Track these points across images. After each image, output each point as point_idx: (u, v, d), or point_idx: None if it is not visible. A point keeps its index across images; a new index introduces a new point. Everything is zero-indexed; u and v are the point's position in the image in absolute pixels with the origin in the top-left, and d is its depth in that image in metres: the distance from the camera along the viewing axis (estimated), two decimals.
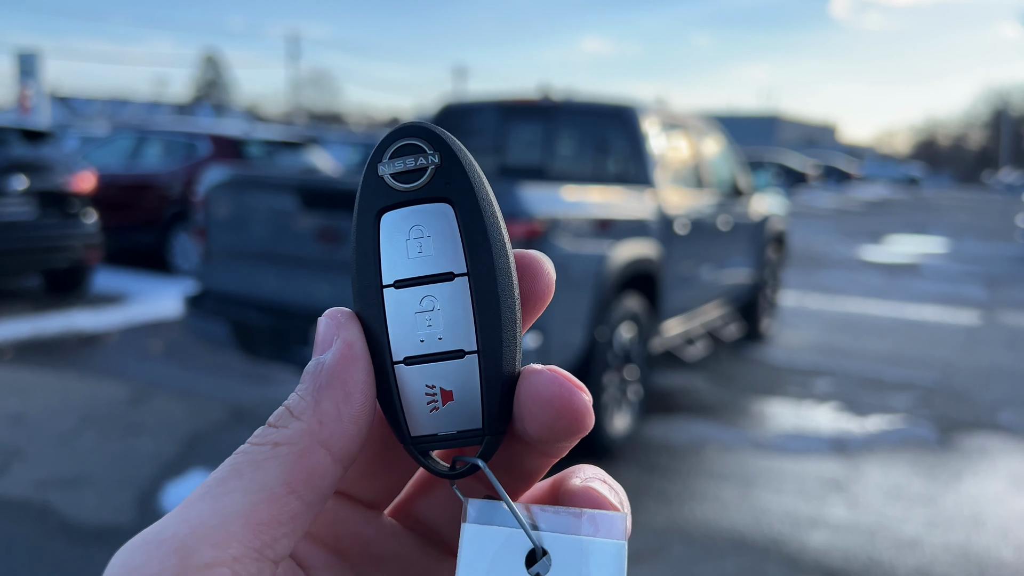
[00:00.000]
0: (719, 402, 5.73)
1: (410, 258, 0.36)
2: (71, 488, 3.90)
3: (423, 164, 0.37)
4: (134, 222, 10.09)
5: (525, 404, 0.35)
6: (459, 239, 0.36)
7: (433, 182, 0.37)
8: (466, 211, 0.36)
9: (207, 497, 0.31)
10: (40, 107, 18.79)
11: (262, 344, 4.31)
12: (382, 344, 0.37)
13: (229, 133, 10.53)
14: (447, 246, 0.36)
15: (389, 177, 0.37)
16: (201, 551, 0.29)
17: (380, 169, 0.37)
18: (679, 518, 3.86)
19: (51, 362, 6.02)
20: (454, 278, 0.36)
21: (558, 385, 0.35)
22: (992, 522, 3.92)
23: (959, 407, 5.78)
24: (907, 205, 35.37)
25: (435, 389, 0.36)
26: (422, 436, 0.37)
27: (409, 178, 0.37)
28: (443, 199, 0.37)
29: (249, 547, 0.30)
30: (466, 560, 0.35)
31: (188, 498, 0.32)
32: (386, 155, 0.37)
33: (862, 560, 3.51)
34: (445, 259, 0.36)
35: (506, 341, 0.36)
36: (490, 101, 5.93)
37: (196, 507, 0.31)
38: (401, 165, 0.37)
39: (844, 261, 14.26)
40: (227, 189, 4.44)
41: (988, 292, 11.33)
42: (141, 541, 0.30)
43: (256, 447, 0.33)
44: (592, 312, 4.26)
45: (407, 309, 0.36)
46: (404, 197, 0.37)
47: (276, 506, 0.31)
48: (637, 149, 5.23)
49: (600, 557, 0.34)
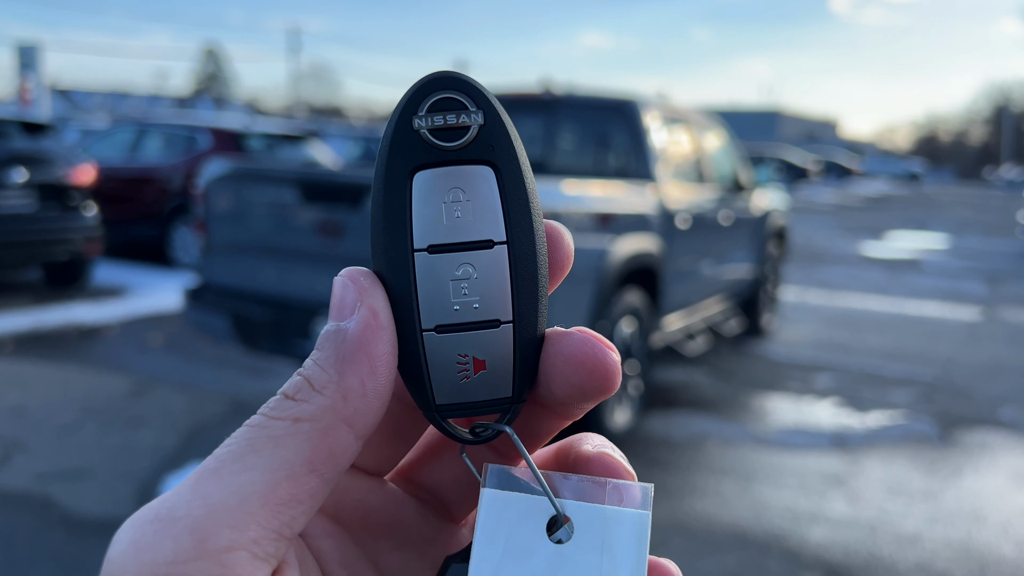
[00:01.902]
0: (720, 397, 5.72)
1: (447, 223, 0.34)
2: (71, 480, 3.90)
3: (465, 122, 0.34)
4: (134, 215, 10.09)
5: (556, 365, 0.34)
6: (499, 206, 0.34)
7: (476, 142, 0.34)
8: (509, 177, 0.34)
9: (222, 473, 0.29)
10: (40, 100, 18.76)
11: (263, 337, 4.31)
12: (409, 311, 0.35)
13: (229, 126, 10.51)
14: (488, 212, 0.34)
15: (427, 132, 0.34)
16: (219, 533, 0.28)
17: (416, 122, 0.34)
18: (680, 512, 3.86)
19: (51, 355, 6.02)
20: (493, 246, 0.34)
21: (591, 346, 0.34)
22: (993, 518, 3.92)
23: (960, 403, 5.78)
24: (908, 201, 35.36)
25: (468, 359, 0.35)
26: (447, 404, 0.35)
27: (450, 136, 0.34)
28: (486, 162, 0.35)
29: (268, 528, 0.29)
30: (485, 524, 0.34)
31: (199, 472, 0.30)
32: (423, 107, 0.34)
33: (863, 555, 3.51)
34: (485, 226, 0.34)
35: (540, 313, 0.35)
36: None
37: (211, 484, 0.29)
38: (441, 120, 0.34)
39: (845, 257, 14.26)
40: (227, 182, 4.44)
41: (989, 288, 11.32)
42: (153, 517, 0.29)
43: (274, 421, 0.31)
44: (593, 306, 4.25)
45: (442, 276, 0.34)
46: (443, 156, 0.34)
47: (296, 485, 0.30)
48: (638, 143, 5.21)
49: (623, 526, 0.34)
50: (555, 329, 0.36)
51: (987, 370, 6.71)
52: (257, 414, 0.32)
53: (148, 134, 10.50)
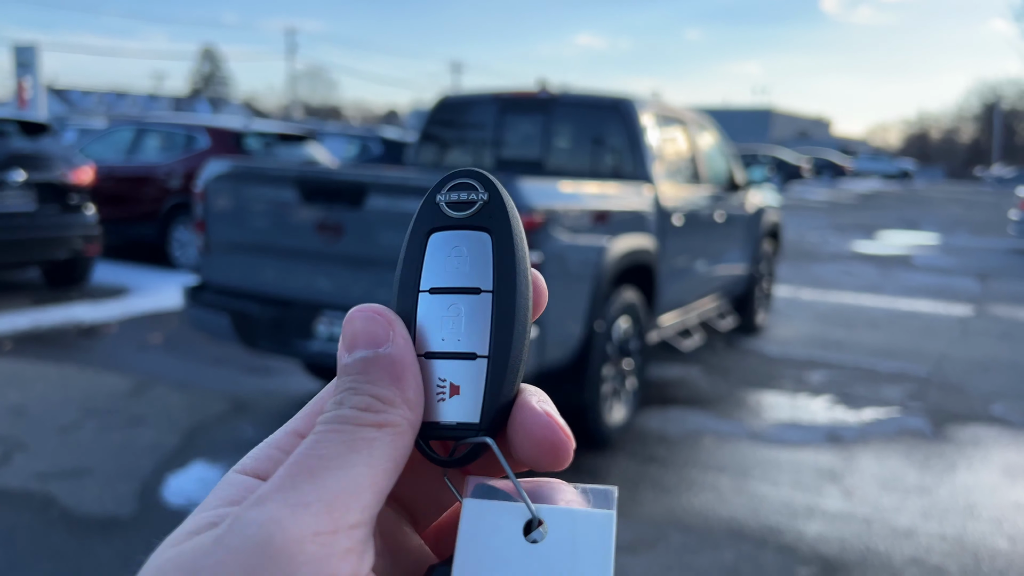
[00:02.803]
0: (715, 393, 5.76)
1: (448, 271, 0.42)
2: (72, 479, 3.91)
3: (473, 199, 0.43)
4: (133, 215, 10.08)
5: (518, 435, 0.40)
6: (491, 262, 0.42)
7: (478, 214, 0.43)
8: (500, 241, 0.42)
9: (334, 469, 0.35)
10: (37, 100, 18.70)
11: (262, 336, 4.33)
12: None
13: (228, 126, 10.51)
14: (480, 266, 0.42)
15: (444, 205, 0.43)
16: (350, 512, 0.34)
17: (438, 198, 0.44)
18: (677, 508, 3.89)
19: (51, 354, 6.03)
20: (480, 293, 0.42)
21: (551, 431, 0.40)
22: (986, 512, 3.97)
23: (953, 398, 5.83)
24: (900, 198, 35.48)
25: (446, 383, 0.41)
26: (425, 422, 0.41)
27: (460, 208, 0.43)
28: (484, 228, 0.43)
29: (374, 512, 0.35)
30: (467, 530, 0.39)
31: (294, 473, 0.34)
32: (445, 188, 0.44)
33: (858, 549, 3.55)
34: (476, 276, 0.42)
35: (514, 352, 0.41)
36: (487, 94, 5.94)
37: (328, 478, 0.34)
38: (455, 196, 0.43)
39: (838, 255, 14.32)
40: (227, 181, 4.45)
41: (981, 285, 11.39)
42: (282, 503, 0.33)
43: (359, 427, 0.37)
44: (590, 304, 4.28)
45: (436, 312, 0.42)
46: (452, 222, 0.43)
47: (389, 479, 0.36)
48: (634, 142, 5.25)
49: (591, 525, 0.38)
50: (527, 399, 0.41)
51: (979, 366, 6.76)
52: (328, 424, 0.37)
53: (146, 134, 10.49)
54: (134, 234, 10.20)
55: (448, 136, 6.12)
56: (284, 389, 5.44)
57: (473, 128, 6.00)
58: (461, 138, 6.08)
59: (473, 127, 6.00)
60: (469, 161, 5.96)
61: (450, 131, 6.11)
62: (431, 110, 6.21)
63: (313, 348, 4.26)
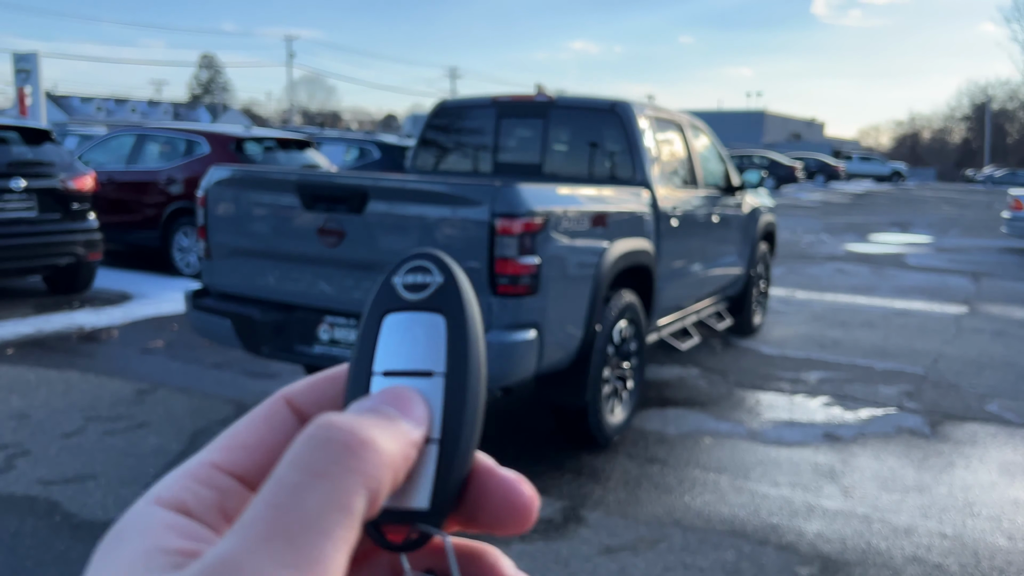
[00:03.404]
0: (713, 394, 5.80)
1: (401, 354, 0.43)
2: (75, 485, 3.93)
3: (428, 281, 0.44)
4: (134, 221, 10.10)
5: (480, 498, 0.40)
6: (444, 345, 0.42)
7: (433, 296, 0.43)
8: (454, 324, 0.43)
9: (315, 533, 0.33)
10: (38, 107, 18.70)
11: (265, 341, 4.35)
12: None
13: (228, 132, 10.53)
14: (433, 349, 0.42)
15: (400, 287, 0.44)
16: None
17: (394, 280, 0.44)
18: (677, 508, 3.93)
19: (54, 360, 6.04)
20: (432, 376, 0.42)
21: (516, 494, 0.40)
22: (985, 510, 4.01)
23: (949, 397, 5.88)
24: (894, 199, 35.59)
25: None
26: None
27: (415, 290, 0.44)
28: (439, 311, 0.43)
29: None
30: None
31: (269, 534, 0.32)
32: (401, 270, 0.44)
33: (859, 548, 3.58)
34: (429, 359, 0.42)
35: (465, 435, 0.41)
36: (485, 99, 5.97)
37: (307, 544, 0.33)
38: (411, 279, 0.44)
39: (832, 255, 14.38)
40: (228, 187, 4.48)
41: (975, 284, 11.46)
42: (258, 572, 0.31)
43: (342, 480, 0.35)
44: (589, 306, 4.32)
45: None
46: (407, 304, 0.44)
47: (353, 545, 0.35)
48: (632, 145, 5.28)
49: None
50: (488, 464, 0.41)
51: (974, 365, 6.81)
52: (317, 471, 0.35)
53: (146, 141, 10.50)
54: (135, 240, 10.22)
55: (446, 141, 6.15)
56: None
57: (471, 133, 6.03)
58: (459, 143, 6.11)
59: (471, 132, 6.03)
60: (468, 166, 5.99)
61: (448, 136, 6.14)
62: (429, 115, 6.23)
63: (315, 352, 4.29)
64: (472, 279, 3.58)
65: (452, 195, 3.89)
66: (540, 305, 3.91)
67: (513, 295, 3.81)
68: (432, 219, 3.90)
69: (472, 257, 3.81)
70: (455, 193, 3.89)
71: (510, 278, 3.79)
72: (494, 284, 3.80)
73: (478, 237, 3.79)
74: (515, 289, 3.80)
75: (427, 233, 3.93)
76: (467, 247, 3.83)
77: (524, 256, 3.79)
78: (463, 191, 3.88)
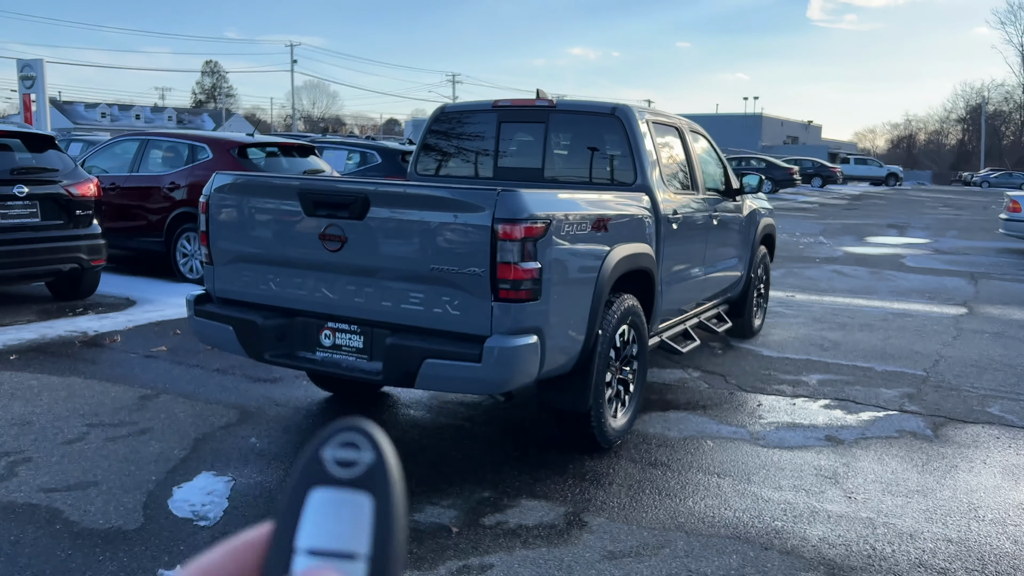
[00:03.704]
0: (714, 397, 5.80)
1: (324, 532, 0.42)
2: (77, 491, 3.92)
3: (357, 459, 0.43)
4: (137, 227, 10.10)
5: None
6: (369, 528, 0.42)
7: (363, 477, 0.43)
8: (381, 508, 0.42)
9: None
10: (43, 113, 18.74)
11: (267, 347, 4.34)
12: None
13: (230, 138, 10.54)
14: (357, 530, 0.42)
15: (329, 461, 0.43)
16: None
17: (323, 452, 0.44)
18: (681, 513, 3.92)
19: (56, 366, 6.03)
20: (355, 559, 0.42)
21: None
22: (989, 514, 4.00)
23: (950, 399, 5.88)
24: (891, 201, 35.63)
25: None
26: None
27: (344, 466, 0.43)
28: (367, 490, 0.43)
29: None
30: None
31: None
32: (331, 442, 0.44)
33: (864, 552, 3.58)
34: (353, 540, 0.42)
35: None
36: (485, 103, 5.97)
37: None
38: (342, 454, 0.43)
39: (831, 258, 14.39)
40: (231, 193, 4.47)
41: (973, 285, 11.47)
42: None
43: None
44: (591, 310, 4.31)
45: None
46: (335, 480, 0.43)
47: None
48: (633, 149, 5.29)
49: None
50: None
51: (975, 366, 6.82)
52: None
53: (150, 146, 10.51)
54: (139, 246, 10.23)
55: (447, 146, 6.16)
56: (290, 398, 5.46)
57: (472, 137, 6.03)
58: (460, 147, 6.11)
59: (472, 136, 6.03)
60: (469, 170, 6.00)
61: (449, 141, 6.14)
62: (430, 120, 6.24)
63: (317, 358, 4.28)
64: (474, 284, 3.56)
65: (454, 200, 3.89)
66: (542, 310, 3.91)
67: (515, 300, 3.81)
68: (433, 224, 3.90)
69: (474, 263, 3.81)
70: (456, 198, 3.89)
71: (512, 283, 3.79)
72: (496, 289, 3.80)
73: (480, 242, 3.79)
74: (517, 294, 3.80)
75: (428, 239, 3.92)
76: (468, 252, 3.83)
77: (526, 261, 3.79)
78: (465, 196, 3.88)
